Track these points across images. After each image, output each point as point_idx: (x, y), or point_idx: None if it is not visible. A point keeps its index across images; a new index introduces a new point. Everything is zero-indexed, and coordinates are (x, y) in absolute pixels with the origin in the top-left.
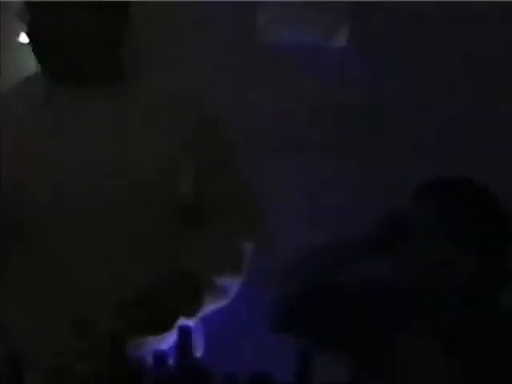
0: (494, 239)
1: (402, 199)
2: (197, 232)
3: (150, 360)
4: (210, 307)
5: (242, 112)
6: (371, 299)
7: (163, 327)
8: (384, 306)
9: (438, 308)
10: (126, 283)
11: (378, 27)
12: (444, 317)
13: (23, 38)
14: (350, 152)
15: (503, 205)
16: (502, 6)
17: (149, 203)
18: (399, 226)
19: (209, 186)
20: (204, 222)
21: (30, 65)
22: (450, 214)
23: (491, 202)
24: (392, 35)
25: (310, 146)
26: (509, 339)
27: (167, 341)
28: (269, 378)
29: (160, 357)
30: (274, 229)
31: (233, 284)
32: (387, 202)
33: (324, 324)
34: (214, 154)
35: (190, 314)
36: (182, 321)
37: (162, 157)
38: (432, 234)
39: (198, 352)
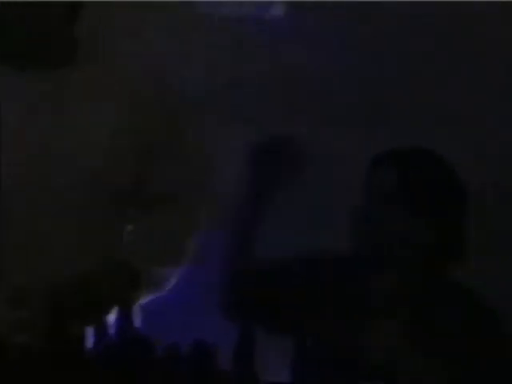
0: (450, 209)
1: (357, 168)
2: (141, 222)
3: (90, 331)
4: (148, 296)
5: (187, 86)
6: (324, 274)
7: (96, 315)
8: (338, 280)
9: (393, 280)
10: (64, 267)
11: None
12: (399, 289)
13: None
14: (297, 120)
15: (459, 175)
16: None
17: (91, 189)
18: None
19: (154, 174)
20: (149, 212)
21: None
22: (406, 184)
23: (447, 172)
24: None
25: (253, 116)
26: (456, 310)
27: None
28: (211, 349)
29: (101, 328)
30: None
31: (173, 274)
32: (342, 172)
33: (274, 302)
34: (160, 141)
35: (126, 302)
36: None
37: (104, 142)
38: (388, 203)
39: (138, 323)
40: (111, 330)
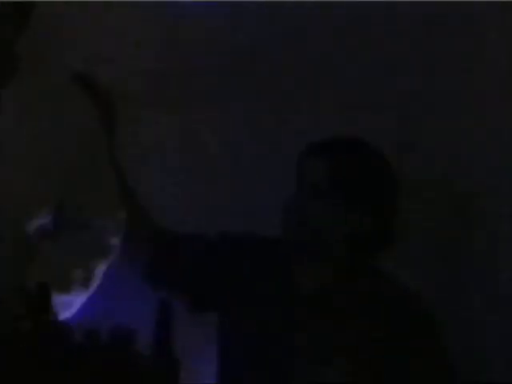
0: (381, 199)
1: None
2: (50, 248)
3: None
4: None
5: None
6: (252, 257)
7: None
8: (263, 263)
9: (323, 268)
10: None
11: None
12: (328, 277)
13: None
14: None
15: (389, 164)
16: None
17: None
18: None
19: (67, 199)
20: (59, 238)
21: None
22: (337, 174)
23: (377, 161)
24: None
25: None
26: (383, 299)
27: None
28: (130, 333)
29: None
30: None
31: (79, 298)
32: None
33: (196, 279)
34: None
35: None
36: None
37: (27, 160)
38: (319, 193)
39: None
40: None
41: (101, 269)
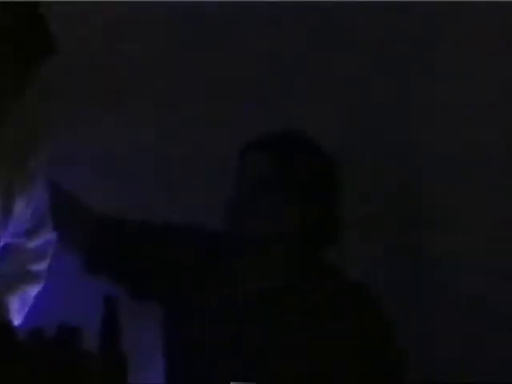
0: (321, 191)
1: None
2: None
3: None
4: None
5: None
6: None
7: None
8: (205, 255)
9: (264, 262)
10: None
11: None
12: (269, 271)
13: None
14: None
15: (332, 159)
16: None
17: None
18: None
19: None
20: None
21: None
22: (277, 170)
23: (319, 156)
24: None
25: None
26: (331, 295)
27: None
28: (75, 331)
29: None
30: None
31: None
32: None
33: (136, 269)
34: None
35: None
36: None
37: None
38: (261, 186)
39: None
40: None
41: (33, 294)
